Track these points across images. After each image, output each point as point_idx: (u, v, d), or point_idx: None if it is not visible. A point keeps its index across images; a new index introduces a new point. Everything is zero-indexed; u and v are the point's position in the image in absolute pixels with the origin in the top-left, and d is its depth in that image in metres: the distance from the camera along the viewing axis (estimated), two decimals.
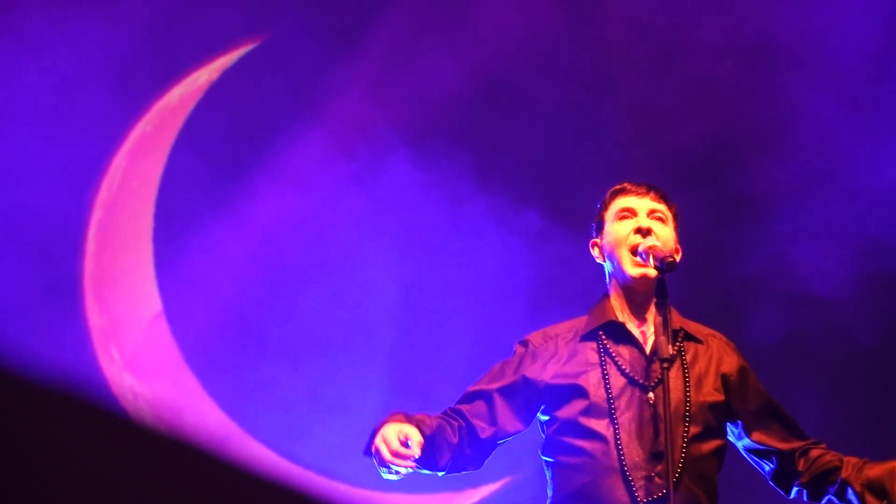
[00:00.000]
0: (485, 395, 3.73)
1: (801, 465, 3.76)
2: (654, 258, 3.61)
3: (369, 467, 3.64)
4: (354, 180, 6.10)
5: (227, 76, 6.14)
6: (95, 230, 5.96)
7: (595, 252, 3.84)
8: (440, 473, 3.72)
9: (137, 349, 5.92)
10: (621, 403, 3.59)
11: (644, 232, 3.71)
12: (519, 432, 3.76)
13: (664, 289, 3.55)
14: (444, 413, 3.76)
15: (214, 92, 6.13)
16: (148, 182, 6.06)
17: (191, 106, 6.10)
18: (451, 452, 3.65)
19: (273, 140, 6.09)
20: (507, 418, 3.70)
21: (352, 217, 6.10)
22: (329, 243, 6.09)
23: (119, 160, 6.01)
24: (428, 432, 3.61)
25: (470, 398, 3.76)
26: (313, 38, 6.11)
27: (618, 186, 3.88)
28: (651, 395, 3.58)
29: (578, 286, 5.63)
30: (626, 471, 3.53)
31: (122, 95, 5.91)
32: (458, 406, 3.76)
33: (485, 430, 3.69)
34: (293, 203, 6.08)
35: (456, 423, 3.71)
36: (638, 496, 3.52)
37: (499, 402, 3.71)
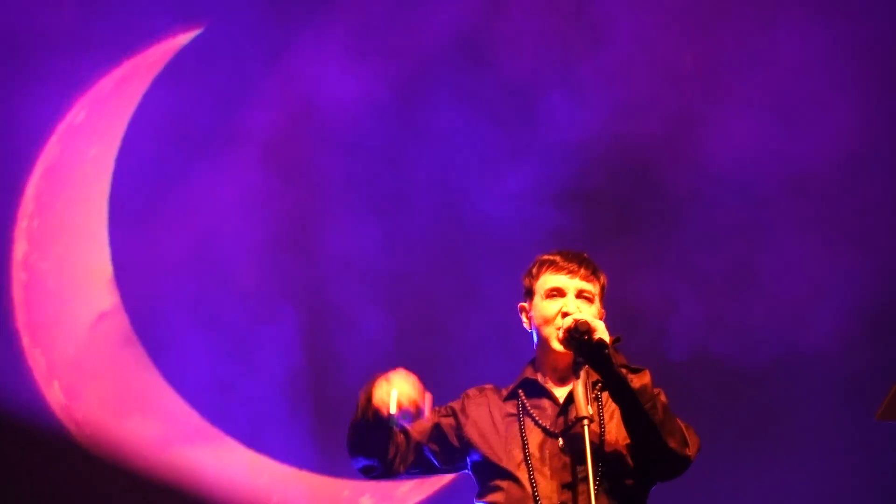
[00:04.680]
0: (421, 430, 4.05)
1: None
2: (571, 339, 3.80)
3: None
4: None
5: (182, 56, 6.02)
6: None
7: (523, 318, 4.07)
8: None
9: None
10: (536, 450, 3.92)
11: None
12: (434, 465, 4.06)
13: (582, 355, 3.78)
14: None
15: (169, 72, 6.03)
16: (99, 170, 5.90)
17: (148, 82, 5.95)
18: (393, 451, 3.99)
19: (240, 116, 5.99)
20: (425, 448, 4.03)
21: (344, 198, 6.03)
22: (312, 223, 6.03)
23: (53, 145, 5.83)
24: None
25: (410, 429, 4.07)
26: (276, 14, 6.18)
27: (548, 257, 4.04)
28: (561, 440, 3.90)
29: None
30: (538, 501, 3.84)
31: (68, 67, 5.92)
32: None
33: (406, 448, 4.01)
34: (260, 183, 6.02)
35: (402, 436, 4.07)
36: None
37: (428, 436, 4.03)
